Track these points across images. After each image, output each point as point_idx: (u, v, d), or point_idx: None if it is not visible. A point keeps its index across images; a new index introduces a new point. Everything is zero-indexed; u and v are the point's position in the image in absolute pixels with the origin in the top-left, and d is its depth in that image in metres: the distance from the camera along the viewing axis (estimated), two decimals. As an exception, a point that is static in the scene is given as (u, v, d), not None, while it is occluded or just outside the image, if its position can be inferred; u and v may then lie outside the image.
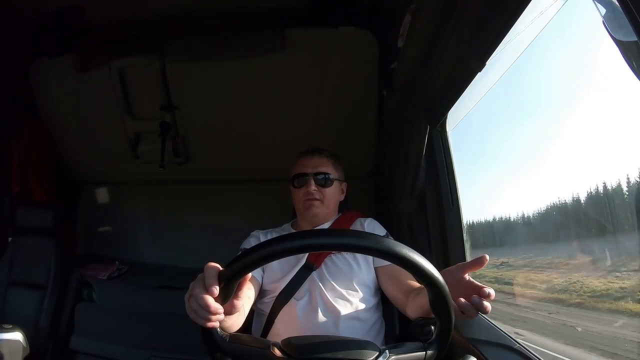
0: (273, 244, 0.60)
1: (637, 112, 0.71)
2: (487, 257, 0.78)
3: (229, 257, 0.63)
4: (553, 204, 1.07)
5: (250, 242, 1.20)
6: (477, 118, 1.34)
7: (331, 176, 1.22)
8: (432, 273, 0.63)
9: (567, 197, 0.99)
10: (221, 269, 0.62)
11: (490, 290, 0.74)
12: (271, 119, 1.95)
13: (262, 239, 1.19)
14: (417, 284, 0.99)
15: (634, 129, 0.75)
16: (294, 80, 1.81)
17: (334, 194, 1.24)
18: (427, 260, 0.63)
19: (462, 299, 0.76)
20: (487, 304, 0.74)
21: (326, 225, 1.25)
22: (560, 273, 1.11)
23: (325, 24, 1.65)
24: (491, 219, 1.39)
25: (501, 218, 1.34)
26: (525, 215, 1.22)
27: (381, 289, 1.16)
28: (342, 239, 0.62)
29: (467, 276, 0.79)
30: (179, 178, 2.30)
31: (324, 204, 1.21)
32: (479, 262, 0.78)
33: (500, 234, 1.39)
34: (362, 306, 1.09)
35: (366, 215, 1.30)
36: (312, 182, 1.19)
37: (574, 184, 0.95)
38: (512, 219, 1.29)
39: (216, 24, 1.71)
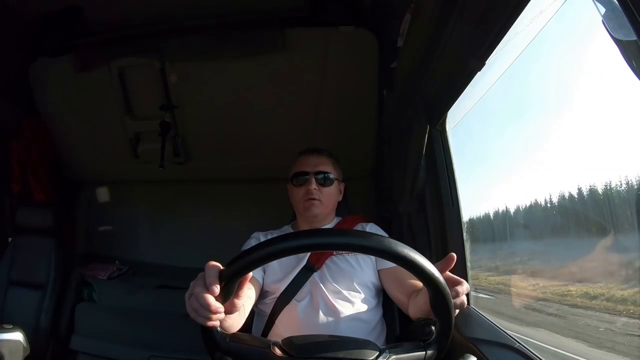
0: (274, 243, 0.60)
1: (637, 112, 0.71)
2: (454, 255, 0.75)
3: (229, 257, 0.63)
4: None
5: (251, 243, 1.19)
6: (477, 117, 1.34)
7: (331, 176, 1.21)
8: (433, 273, 0.63)
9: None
10: (222, 267, 0.62)
11: (465, 284, 0.75)
12: (271, 119, 1.95)
13: (263, 240, 1.19)
14: (419, 285, 0.99)
15: (634, 129, 0.75)
16: (294, 79, 1.81)
17: (333, 193, 1.23)
18: (427, 261, 0.63)
19: None
20: (462, 298, 0.75)
21: (327, 226, 1.25)
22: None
23: (324, 23, 1.64)
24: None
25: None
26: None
27: (383, 290, 1.17)
28: (344, 239, 0.62)
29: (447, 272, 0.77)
30: (179, 178, 2.30)
31: (324, 204, 1.20)
32: (447, 262, 0.75)
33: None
34: (363, 307, 1.09)
35: (368, 220, 1.30)
36: (313, 180, 1.19)
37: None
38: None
39: (216, 23, 1.71)
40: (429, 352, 0.70)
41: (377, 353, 0.69)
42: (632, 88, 0.59)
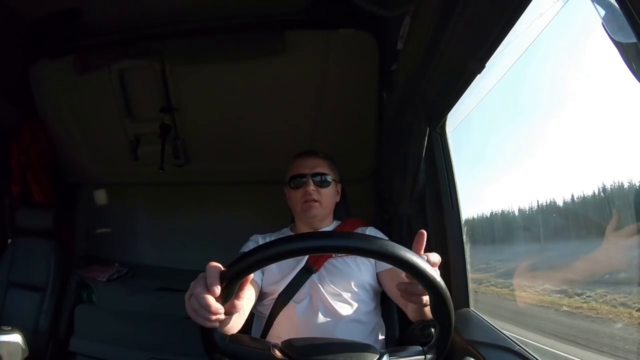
0: (277, 245, 0.60)
1: (637, 114, 0.71)
2: (424, 231, 0.75)
3: (228, 259, 0.63)
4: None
5: (249, 245, 1.19)
6: (477, 120, 1.34)
7: (328, 177, 1.22)
8: (434, 277, 0.63)
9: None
10: (223, 268, 0.62)
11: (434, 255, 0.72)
12: (271, 121, 1.95)
13: (261, 242, 1.18)
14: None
15: (634, 131, 0.75)
16: (294, 82, 1.81)
17: (331, 195, 1.24)
18: (427, 264, 0.63)
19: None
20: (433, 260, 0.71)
21: (327, 229, 1.25)
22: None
23: (325, 26, 1.65)
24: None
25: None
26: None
27: (382, 292, 1.16)
28: (346, 242, 0.62)
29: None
30: (179, 180, 2.29)
31: (322, 205, 1.21)
32: (419, 242, 0.75)
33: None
34: (362, 309, 1.09)
35: (367, 223, 1.30)
36: (311, 182, 1.19)
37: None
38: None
39: (216, 26, 1.71)
40: (429, 356, 0.70)
41: (377, 356, 0.69)
42: (632, 90, 0.59)
